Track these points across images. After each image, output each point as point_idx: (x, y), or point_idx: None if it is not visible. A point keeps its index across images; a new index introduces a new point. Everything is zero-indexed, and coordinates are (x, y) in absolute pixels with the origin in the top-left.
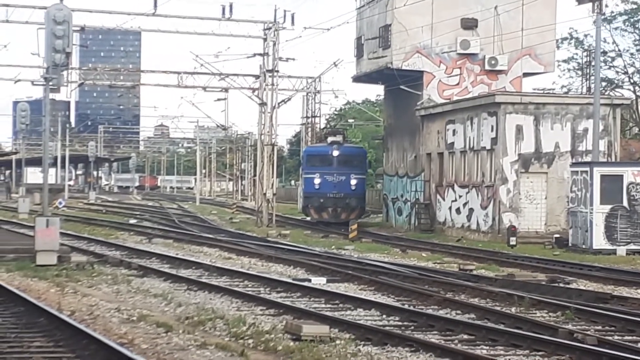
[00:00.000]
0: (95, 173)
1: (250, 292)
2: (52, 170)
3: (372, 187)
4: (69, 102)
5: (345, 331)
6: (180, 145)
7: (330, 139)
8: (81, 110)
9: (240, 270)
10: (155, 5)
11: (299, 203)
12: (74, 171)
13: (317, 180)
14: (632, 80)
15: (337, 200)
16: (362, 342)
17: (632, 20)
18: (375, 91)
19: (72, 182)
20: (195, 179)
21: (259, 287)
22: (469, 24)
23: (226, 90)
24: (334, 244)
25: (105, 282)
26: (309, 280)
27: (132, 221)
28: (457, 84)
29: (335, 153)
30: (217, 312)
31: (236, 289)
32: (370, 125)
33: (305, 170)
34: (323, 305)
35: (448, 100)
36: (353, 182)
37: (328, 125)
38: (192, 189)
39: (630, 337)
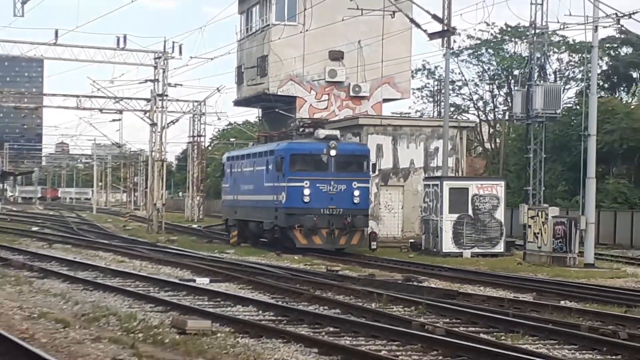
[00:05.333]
0: (1, 185)
1: (140, 292)
2: None
3: None
4: None
5: (226, 325)
6: (79, 160)
7: (322, 133)
8: None
9: (132, 272)
10: (57, 36)
11: (195, 212)
12: None
13: (306, 191)
14: (476, 106)
15: (335, 218)
16: (241, 335)
17: (476, 54)
18: (254, 113)
19: None
20: (93, 191)
21: (148, 287)
22: (336, 56)
23: (120, 112)
24: (217, 249)
25: (9, 283)
26: (194, 281)
27: (35, 228)
28: (326, 107)
29: (333, 152)
30: (110, 309)
31: (128, 288)
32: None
33: (288, 177)
34: (206, 303)
35: None
36: (356, 192)
37: (212, 144)
38: (89, 199)
39: (474, 329)
